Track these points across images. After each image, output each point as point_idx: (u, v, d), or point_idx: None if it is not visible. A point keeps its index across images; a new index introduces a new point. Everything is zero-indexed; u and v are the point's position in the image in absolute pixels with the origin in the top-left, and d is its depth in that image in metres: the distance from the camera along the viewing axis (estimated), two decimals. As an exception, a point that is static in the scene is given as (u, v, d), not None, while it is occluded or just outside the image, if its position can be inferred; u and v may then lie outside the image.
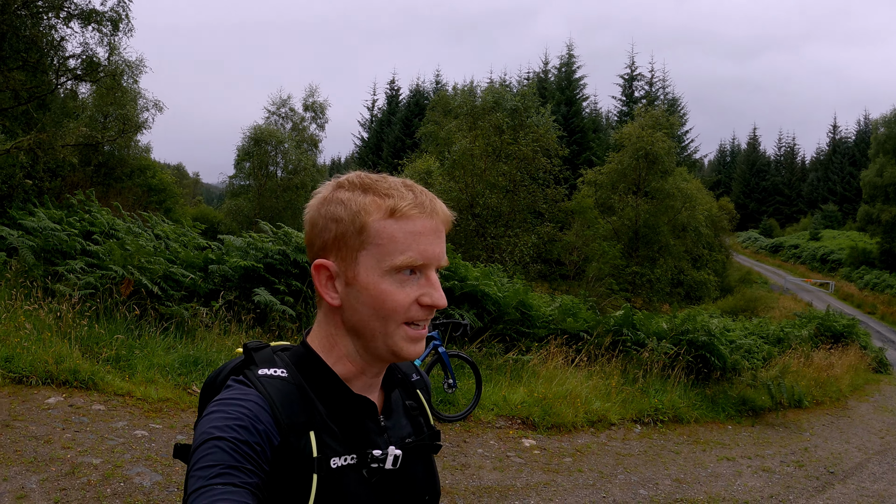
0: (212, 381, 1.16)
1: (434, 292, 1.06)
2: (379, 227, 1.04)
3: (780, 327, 16.19)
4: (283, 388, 1.04)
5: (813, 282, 45.84)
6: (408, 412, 1.23)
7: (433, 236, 1.06)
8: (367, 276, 1.04)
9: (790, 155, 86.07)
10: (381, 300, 1.04)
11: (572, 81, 55.62)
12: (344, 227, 1.05)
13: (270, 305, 7.67)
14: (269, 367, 1.07)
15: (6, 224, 8.35)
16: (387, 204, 1.04)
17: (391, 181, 1.09)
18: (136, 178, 25.33)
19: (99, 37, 12.17)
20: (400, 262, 1.03)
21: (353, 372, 1.10)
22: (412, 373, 1.30)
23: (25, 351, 5.84)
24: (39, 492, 3.76)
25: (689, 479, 6.56)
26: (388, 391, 1.21)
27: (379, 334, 1.06)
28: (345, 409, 1.09)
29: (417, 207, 1.05)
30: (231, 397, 1.01)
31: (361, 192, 1.06)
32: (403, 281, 1.05)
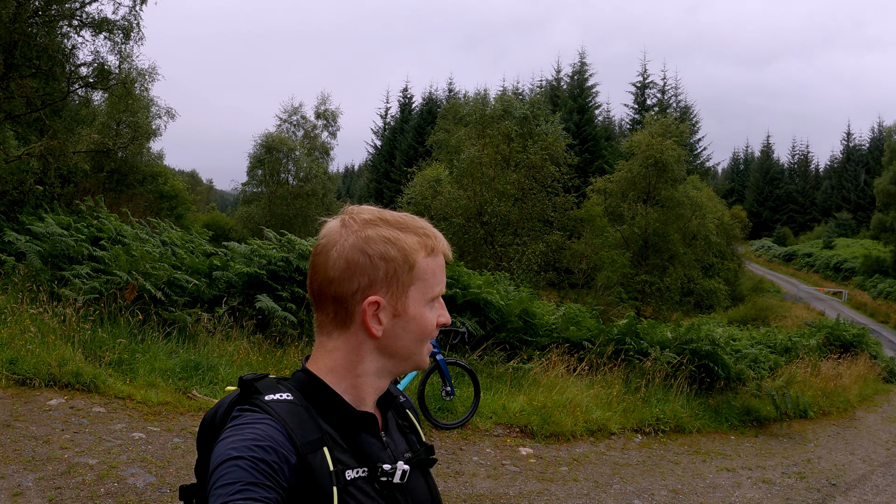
0: (210, 418, 1.19)
1: (445, 313, 1.24)
2: (424, 265, 1.17)
3: (787, 336, 16.04)
4: (292, 409, 1.09)
5: (826, 290, 45.43)
6: (402, 430, 1.30)
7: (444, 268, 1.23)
8: (416, 308, 1.18)
9: (804, 163, 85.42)
10: (424, 326, 1.19)
11: (584, 89, 55.67)
12: (396, 266, 1.15)
13: (272, 312, 7.76)
14: (275, 393, 1.12)
15: (15, 229, 8.52)
16: (429, 244, 1.19)
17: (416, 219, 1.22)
18: (147, 185, 25.62)
19: (110, 45, 12.43)
20: (437, 293, 1.20)
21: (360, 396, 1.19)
22: (398, 395, 1.37)
23: (29, 353, 5.96)
24: (35, 490, 3.86)
25: (686, 489, 6.48)
26: (384, 411, 1.27)
27: (415, 354, 1.21)
28: (350, 426, 1.15)
29: (445, 246, 1.22)
30: (243, 422, 1.04)
31: (401, 232, 1.17)
32: (432, 308, 1.21)
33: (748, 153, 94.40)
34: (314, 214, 35.47)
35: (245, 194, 38.90)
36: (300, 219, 34.59)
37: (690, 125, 55.10)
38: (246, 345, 7.37)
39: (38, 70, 11.49)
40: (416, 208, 25.11)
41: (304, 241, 9.12)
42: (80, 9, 12.02)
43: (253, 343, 7.52)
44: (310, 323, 8.41)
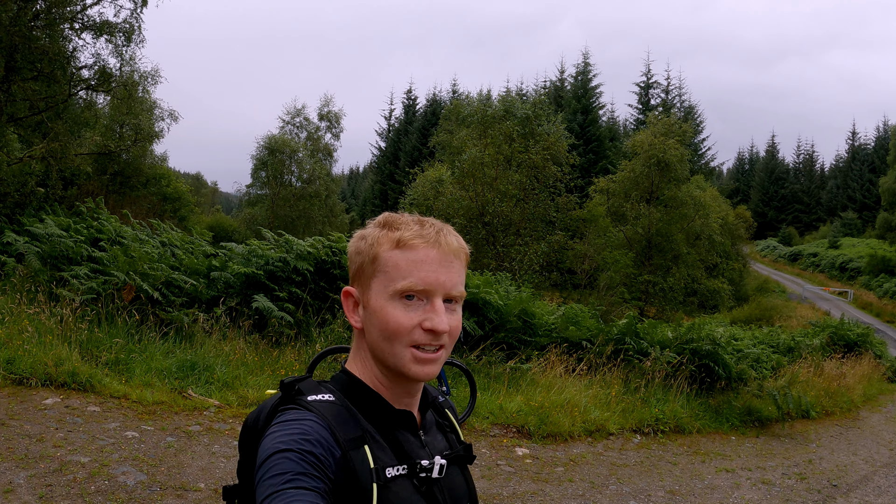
0: (253, 421, 1.21)
1: (434, 317, 1.13)
2: (387, 257, 1.15)
3: (791, 336, 15.98)
4: (333, 409, 1.13)
5: (831, 290, 45.23)
6: (441, 429, 1.32)
7: (437, 265, 1.14)
8: (377, 300, 1.15)
9: (809, 162, 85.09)
10: (385, 321, 1.14)
11: (588, 90, 55.64)
12: (363, 258, 1.19)
13: (269, 312, 7.78)
14: (317, 394, 1.16)
15: (16, 231, 8.56)
16: (395, 236, 1.16)
17: (406, 218, 1.20)
18: (151, 187, 25.74)
19: (111, 48, 12.49)
20: (401, 287, 1.13)
21: (384, 392, 1.20)
22: (438, 395, 1.39)
23: (27, 353, 6.00)
24: (26, 487, 3.88)
25: (683, 490, 6.42)
26: (423, 411, 1.29)
27: (388, 355, 1.15)
28: (389, 425, 1.18)
29: (420, 238, 1.14)
30: (288, 419, 1.09)
31: (379, 228, 1.19)
32: (407, 305, 1.14)
33: (753, 153, 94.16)
34: (317, 216, 35.58)
35: (249, 196, 39.04)
36: (303, 220, 34.71)
37: (694, 125, 55.01)
38: (242, 345, 7.39)
39: (40, 73, 11.56)
40: (419, 209, 25.11)
41: (301, 241, 9.13)
42: (81, 12, 12.10)
43: (249, 343, 7.53)
44: (307, 323, 8.42)
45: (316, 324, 8.43)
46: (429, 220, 1.21)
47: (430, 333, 1.14)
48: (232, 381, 6.69)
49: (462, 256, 1.20)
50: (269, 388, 6.71)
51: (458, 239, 1.20)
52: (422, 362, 1.15)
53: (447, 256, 1.16)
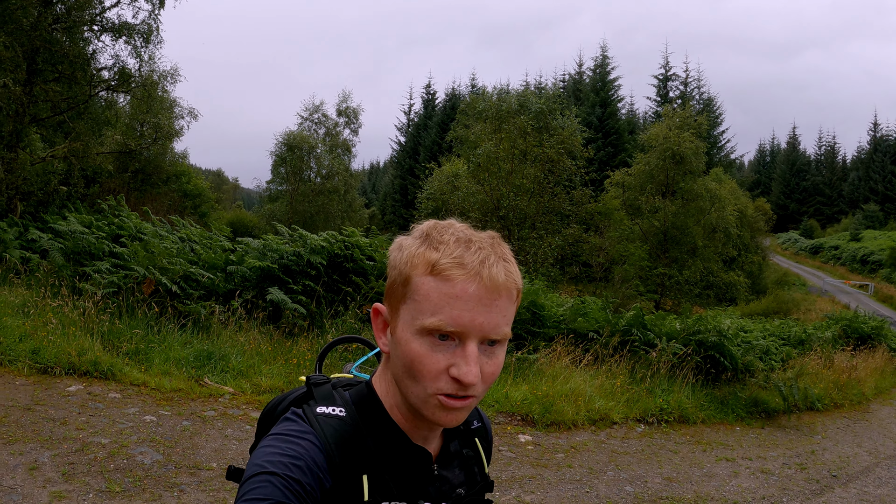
0: (272, 409, 1.18)
1: (463, 366, 0.95)
2: (419, 283, 0.97)
3: (803, 329, 15.96)
4: (340, 427, 1.03)
5: (852, 283, 44.70)
6: (463, 461, 1.19)
7: (474, 303, 0.94)
8: (403, 331, 0.99)
9: (831, 154, 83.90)
10: (409, 359, 0.97)
11: (607, 83, 55.43)
12: (395, 275, 1.02)
13: (283, 304, 8.08)
14: (328, 405, 1.06)
15: (40, 228, 8.96)
16: (431, 258, 0.97)
17: (450, 232, 1.01)
18: (171, 184, 26.29)
19: (130, 49, 12.87)
20: (429, 324, 0.95)
21: (404, 422, 1.08)
22: (473, 419, 1.26)
23: (51, 344, 6.36)
24: (50, 465, 4.21)
25: (680, 477, 6.52)
26: (448, 439, 1.17)
27: (410, 394, 1.00)
28: (399, 456, 1.07)
29: (459, 267, 0.95)
30: (287, 432, 1.01)
31: (420, 242, 1.01)
32: (435, 345, 0.96)
33: (774, 145, 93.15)
34: (336, 211, 35.99)
35: (270, 192, 39.59)
36: (322, 215, 35.10)
37: (713, 117, 54.59)
38: (257, 335, 7.70)
39: (62, 75, 11.98)
40: (435, 204, 25.40)
41: (314, 235, 9.42)
42: (100, 14, 12.49)
43: (264, 334, 7.84)
44: (320, 314, 8.71)
45: (329, 315, 8.71)
46: (478, 238, 1.00)
47: (456, 383, 0.96)
48: (246, 370, 7.00)
49: (510, 292, 0.98)
50: (281, 377, 7.03)
51: (509, 268, 0.99)
52: (449, 409, 0.98)
53: (490, 294, 0.95)
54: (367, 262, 9.33)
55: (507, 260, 1.00)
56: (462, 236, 0.99)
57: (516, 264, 1.03)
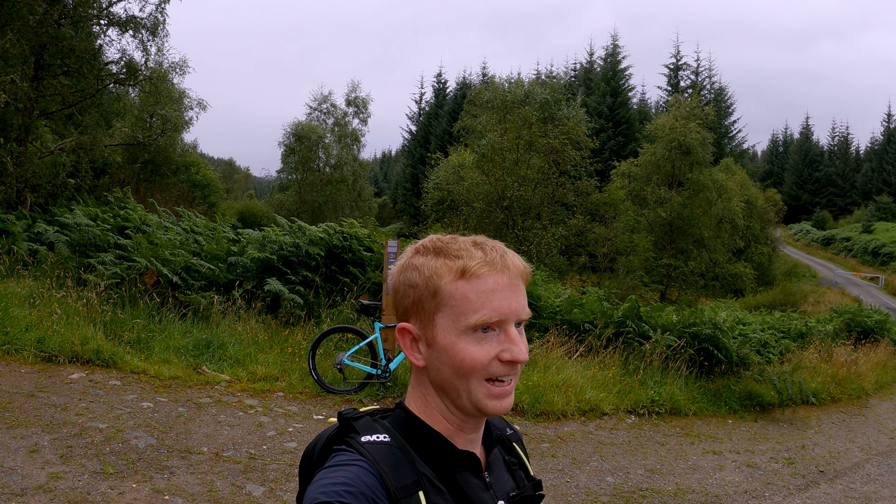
0: (309, 453, 1.20)
1: (514, 347, 1.06)
2: (451, 289, 1.06)
3: (804, 322, 15.93)
4: (388, 452, 1.06)
5: (863, 275, 44.39)
6: (508, 467, 1.24)
7: (507, 291, 1.06)
8: (445, 337, 1.06)
9: (844, 145, 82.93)
10: (459, 359, 1.05)
11: (617, 72, 55.09)
12: (420, 293, 1.09)
13: (280, 294, 8.30)
14: (371, 434, 1.10)
15: (47, 220, 9.23)
16: (457, 265, 1.06)
17: (461, 242, 1.10)
18: (180, 175, 26.59)
19: (136, 42, 13.10)
20: (475, 322, 1.04)
21: (451, 429, 1.13)
22: (505, 428, 1.32)
23: (55, 333, 6.62)
24: (49, 448, 4.46)
25: (664, 469, 6.50)
26: (489, 449, 1.22)
27: (462, 392, 1.08)
28: (450, 467, 1.11)
29: (487, 265, 1.06)
30: (337, 463, 1.04)
31: (434, 256, 1.09)
32: (481, 339, 1.05)
33: (787, 135, 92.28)
34: (344, 200, 36.24)
35: (280, 181, 39.91)
36: (331, 205, 35.35)
37: (725, 106, 54.20)
38: (254, 325, 7.93)
39: (69, 69, 12.21)
40: (440, 193, 25.53)
41: (313, 227, 9.63)
42: (107, 9, 12.70)
43: (261, 323, 8.08)
44: (318, 304, 8.93)
45: (326, 305, 8.93)
46: (485, 241, 1.12)
47: (509, 364, 1.07)
48: (243, 358, 7.24)
49: (526, 276, 1.11)
50: (276, 365, 7.25)
51: (520, 258, 1.12)
52: (498, 397, 1.08)
53: (515, 280, 1.08)
54: (364, 253, 9.52)
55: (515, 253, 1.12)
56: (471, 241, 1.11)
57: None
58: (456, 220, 24.49)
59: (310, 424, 5.93)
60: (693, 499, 5.94)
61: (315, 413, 6.26)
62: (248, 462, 4.81)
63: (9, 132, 12.26)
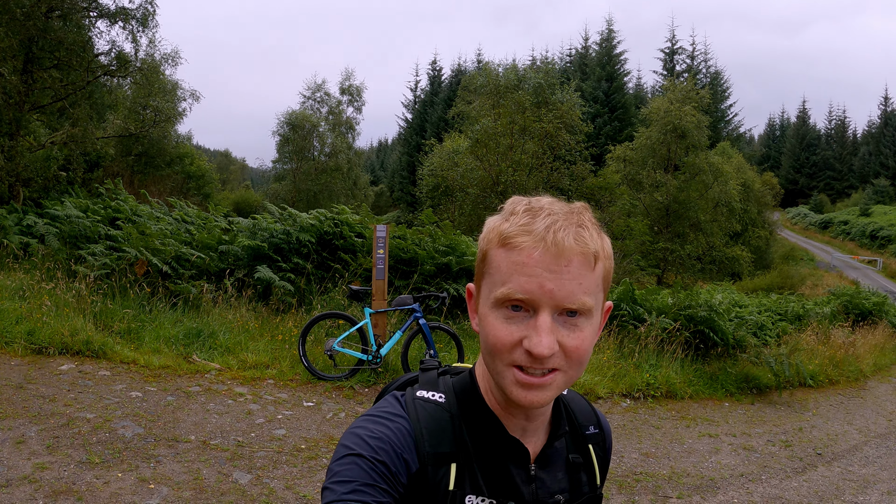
0: (384, 391, 1.17)
1: (534, 336, 0.91)
2: (493, 255, 0.96)
3: (801, 304, 15.90)
4: (436, 414, 1.02)
5: (860, 259, 44.42)
6: (569, 466, 1.12)
7: (543, 269, 0.91)
8: (483, 307, 0.98)
9: (841, 128, 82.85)
10: (485, 333, 0.96)
11: (612, 57, 54.93)
12: (479, 255, 1.02)
13: (270, 282, 8.26)
14: (429, 391, 1.06)
15: (38, 213, 9.18)
16: (501, 229, 0.96)
17: (524, 205, 0.98)
18: (174, 166, 26.47)
19: (126, 34, 12.99)
20: (499, 294, 0.93)
21: (499, 409, 1.04)
22: (589, 424, 1.19)
23: (45, 325, 6.59)
24: (36, 439, 4.44)
25: (658, 453, 6.41)
26: (552, 439, 1.10)
27: (493, 371, 0.97)
28: (494, 449, 1.04)
29: (525, 234, 0.92)
30: (379, 413, 1.02)
31: (499, 218, 0.99)
32: (510, 317, 0.94)
33: (784, 119, 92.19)
34: (340, 189, 36.15)
35: (276, 171, 39.83)
36: (326, 193, 35.28)
37: (721, 90, 54.05)
38: (245, 313, 7.89)
39: (59, 62, 12.12)
40: (435, 180, 25.47)
41: (304, 214, 9.57)
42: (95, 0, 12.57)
43: (252, 311, 8.04)
44: (309, 291, 8.89)
45: (318, 292, 8.89)
46: (552, 206, 0.96)
47: (529, 356, 0.92)
48: (233, 346, 7.21)
49: (585, 257, 0.93)
50: (266, 353, 7.22)
51: (581, 233, 0.94)
52: (525, 387, 0.94)
53: (556, 259, 0.91)
54: (356, 240, 9.47)
55: (584, 226, 0.95)
56: (535, 206, 0.96)
57: (600, 232, 0.98)
58: (451, 206, 24.44)
59: (299, 411, 5.90)
60: (688, 482, 5.90)
61: (305, 400, 6.24)
62: (236, 450, 4.78)
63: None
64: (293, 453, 4.90)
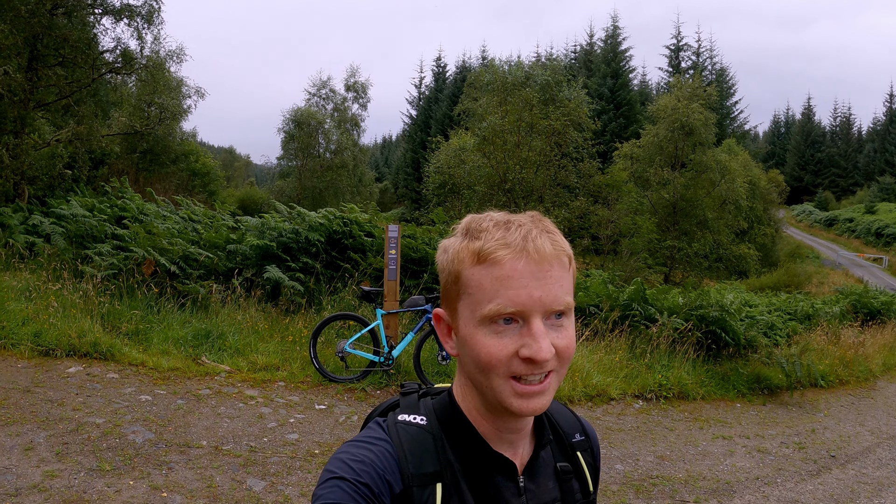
0: (368, 418, 1.17)
1: (533, 343, 0.93)
2: (469, 275, 0.96)
3: (810, 303, 15.79)
4: (418, 436, 1.03)
5: (866, 256, 44.27)
6: (558, 475, 1.12)
7: (529, 279, 0.93)
8: (465, 327, 0.98)
9: (846, 125, 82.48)
10: (477, 353, 0.96)
11: (618, 54, 54.70)
12: (446, 277, 1.02)
13: (280, 282, 8.17)
14: (410, 414, 1.07)
15: (44, 212, 9.09)
16: (474, 248, 0.96)
17: (488, 220, 0.99)
18: (179, 164, 26.43)
19: (131, 31, 12.91)
20: (488, 312, 0.94)
21: (485, 426, 1.05)
22: (575, 432, 1.20)
23: (52, 327, 6.51)
24: (45, 445, 4.34)
25: (673, 456, 6.37)
26: (538, 449, 1.11)
27: (486, 388, 0.98)
28: (480, 466, 1.04)
29: (504, 248, 0.94)
30: (363, 439, 1.03)
31: (461, 238, 1.00)
32: (500, 331, 0.95)
33: (789, 116, 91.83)
34: (345, 186, 36.08)
35: (281, 168, 39.79)
36: (331, 191, 35.22)
37: (726, 87, 53.82)
38: (254, 313, 7.80)
39: (64, 59, 12.04)
40: (442, 177, 25.35)
41: (313, 213, 9.48)
42: (100, -3, 12.50)
43: (261, 312, 7.94)
44: (318, 291, 8.80)
45: (327, 292, 8.80)
46: (517, 218, 0.99)
47: (530, 363, 0.94)
48: (243, 347, 7.11)
49: (561, 260, 0.97)
50: (277, 354, 7.13)
51: (554, 239, 0.97)
52: (525, 396, 0.96)
53: (540, 266, 0.94)
54: (365, 239, 9.37)
55: (551, 231, 0.98)
56: (500, 220, 0.98)
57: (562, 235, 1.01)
58: (458, 203, 24.32)
59: (311, 415, 5.81)
60: (704, 486, 5.82)
61: (317, 403, 6.14)
62: (249, 455, 4.69)
63: (4, 124, 12.11)
64: (307, 458, 4.80)
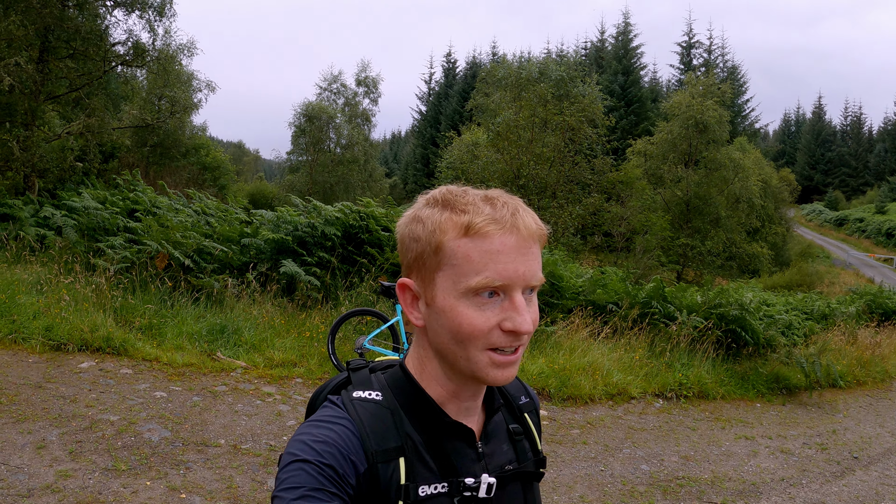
0: (315, 397, 1.17)
1: (517, 317, 0.97)
2: (454, 247, 0.98)
3: (826, 303, 15.60)
4: (376, 412, 1.03)
5: (877, 257, 43.88)
6: (511, 437, 1.16)
7: (515, 254, 0.97)
8: (444, 299, 0.99)
9: (857, 124, 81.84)
10: (457, 324, 0.97)
11: (629, 50, 54.45)
12: (422, 247, 1.01)
13: (296, 276, 8.02)
14: (364, 390, 1.06)
15: (55, 205, 8.97)
16: (462, 221, 0.97)
17: (471, 195, 1.01)
18: (190, 157, 26.36)
19: (143, 23, 12.80)
20: (475, 284, 0.96)
21: (445, 395, 1.06)
22: (520, 395, 1.24)
23: (64, 321, 6.36)
24: (58, 443, 4.20)
25: (698, 456, 6.35)
26: (490, 414, 1.14)
27: (461, 359, 1.00)
28: (440, 435, 1.06)
29: (494, 223, 0.96)
30: (321, 419, 1.01)
31: (440, 209, 1.01)
32: (483, 304, 0.97)
33: (800, 115, 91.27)
34: (356, 181, 35.99)
35: (291, 163, 39.69)
36: (342, 185, 35.14)
37: (737, 85, 53.39)
38: (270, 308, 7.65)
39: (76, 51, 11.94)
40: (454, 173, 25.21)
41: (329, 207, 9.33)
42: (113, -12, 12.39)
43: (277, 306, 7.80)
44: (335, 286, 8.65)
45: (343, 287, 8.65)
46: (498, 196, 1.02)
47: (512, 335, 0.98)
48: (259, 343, 6.96)
49: (540, 238, 1.02)
50: (293, 350, 6.99)
51: (535, 218, 1.02)
52: (501, 366, 0.99)
53: (526, 242, 0.98)
54: (382, 233, 9.22)
55: (529, 209, 1.02)
56: (483, 196, 1.01)
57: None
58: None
59: (331, 413, 5.65)
60: (731, 487, 5.77)
61: (335, 401, 5.99)
62: (269, 454, 4.54)
63: (15, 117, 12.04)
64: (327, 458, 4.64)
